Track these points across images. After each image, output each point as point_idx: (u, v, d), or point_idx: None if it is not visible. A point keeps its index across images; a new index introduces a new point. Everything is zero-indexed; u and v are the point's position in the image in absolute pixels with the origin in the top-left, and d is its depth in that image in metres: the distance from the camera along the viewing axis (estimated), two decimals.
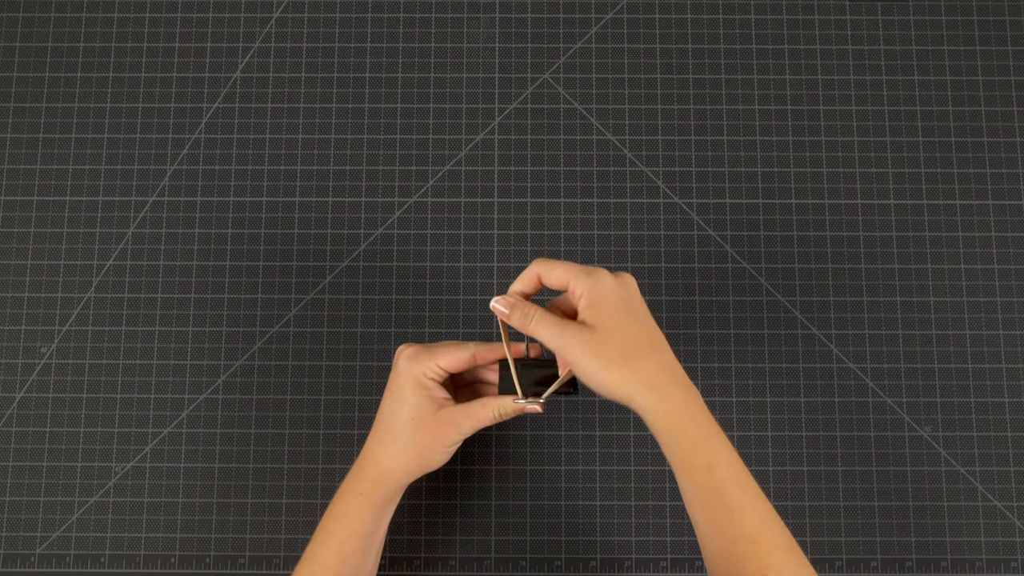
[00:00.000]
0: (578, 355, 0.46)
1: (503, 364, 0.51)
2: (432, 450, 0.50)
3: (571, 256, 0.63)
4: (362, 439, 0.61)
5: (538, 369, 0.51)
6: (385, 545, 0.57)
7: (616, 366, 0.46)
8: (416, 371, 0.50)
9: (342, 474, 0.60)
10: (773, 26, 0.66)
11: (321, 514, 0.60)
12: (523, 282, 0.50)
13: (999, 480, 0.60)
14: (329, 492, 0.60)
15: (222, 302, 0.62)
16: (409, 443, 0.50)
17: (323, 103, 0.65)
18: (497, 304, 0.50)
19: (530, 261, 0.62)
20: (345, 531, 0.50)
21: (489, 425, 0.50)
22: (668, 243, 0.63)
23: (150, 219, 0.64)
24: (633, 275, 0.51)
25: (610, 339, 0.46)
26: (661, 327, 0.62)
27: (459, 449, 0.54)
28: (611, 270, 0.63)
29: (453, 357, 0.50)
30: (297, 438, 0.61)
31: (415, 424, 0.50)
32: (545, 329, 0.47)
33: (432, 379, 0.50)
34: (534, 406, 0.50)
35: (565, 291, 0.49)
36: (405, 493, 0.60)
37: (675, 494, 0.60)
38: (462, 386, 0.54)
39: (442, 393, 0.50)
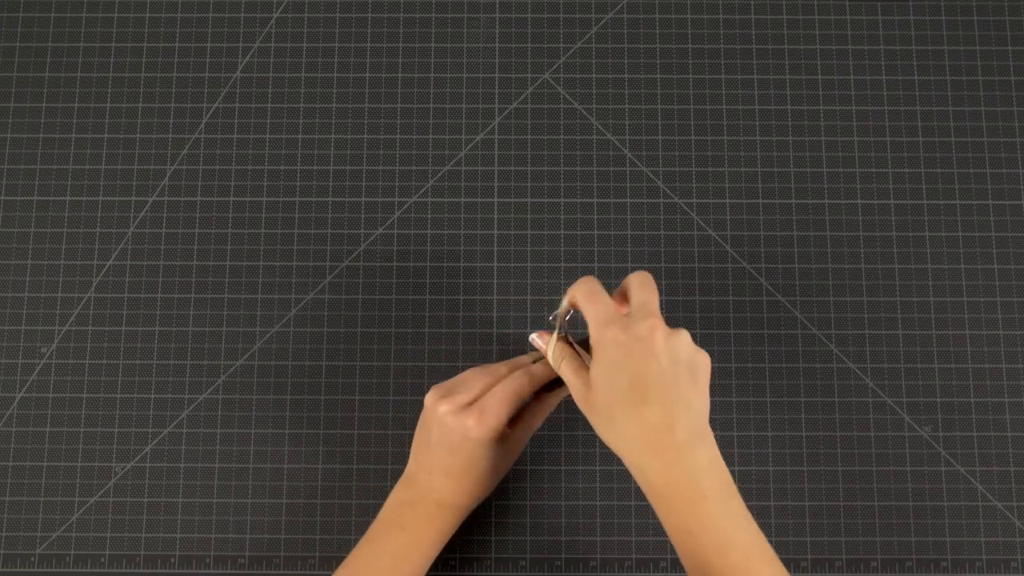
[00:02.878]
0: (581, 407, 0.48)
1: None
2: (503, 475, 0.54)
3: (571, 256, 0.63)
4: (362, 439, 0.61)
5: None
6: None
7: (601, 425, 0.46)
8: (493, 435, 0.50)
9: (342, 474, 0.60)
10: (773, 26, 0.66)
11: (320, 514, 0.60)
12: (566, 302, 0.50)
13: (999, 480, 0.60)
14: (329, 492, 0.60)
15: (222, 302, 0.62)
16: (493, 480, 0.53)
17: (323, 103, 0.65)
18: (535, 339, 0.51)
19: (530, 261, 0.63)
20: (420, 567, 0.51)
21: (514, 406, 0.51)
22: (668, 243, 0.63)
23: (150, 219, 0.64)
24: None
25: (598, 397, 0.45)
26: None
27: None
28: (617, 272, 0.63)
29: (518, 404, 0.51)
30: (297, 438, 0.61)
31: (500, 469, 0.53)
32: (566, 373, 0.49)
33: (505, 431, 0.52)
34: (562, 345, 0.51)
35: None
36: None
37: None
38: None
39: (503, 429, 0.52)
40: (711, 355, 0.61)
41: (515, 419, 0.54)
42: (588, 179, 0.64)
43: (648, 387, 0.44)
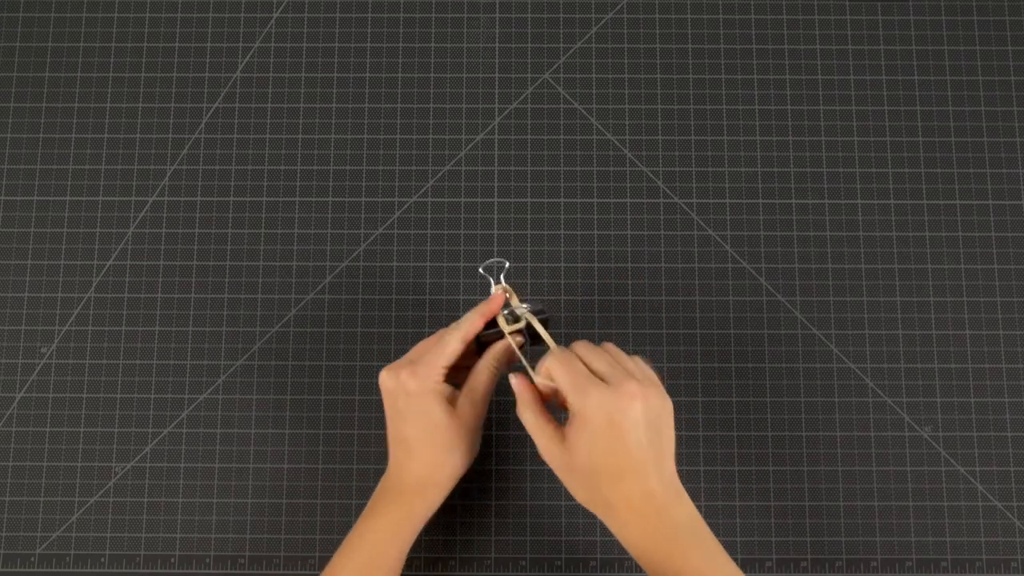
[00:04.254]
0: (548, 460, 0.47)
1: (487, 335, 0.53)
2: (474, 441, 0.52)
3: (571, 256, 0.63)
4: (362, 439, 0.61)
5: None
6: None
7: (577, 488, 0.47)
8: (428, 386, 0.50)
9: (342, 474, 0.60)
10: (773, 26, 0.66)
11: (320, 514, 0.60)
12: (541, 377, 0.49)
13: (999, 480, 0.60)
14: (329, 492, 0.60)
15: (222, 302, 0.62)
16: (450, 448, 0.51)
17: (323, 103, 0.65)
18: (511, 378, 0.50)
19: (530, 261, 0.63)
20: (397, 549, 0.51)
21: (493, 385, 0.52)
22: (668, 243, 0.63)
23: (150, 219, 0.64)
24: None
25: (576, 462, 0.45)
26: (661, 327, 0.62)
27: None
28: (617, 272, 0.63)
29: (448, 355, 0.51)
30: (297, 438, 0.61)
31: (451, 430, 0.51)
32: (527, 419, 0.48)
33: (443, 388, 0.51)
34: (518, 336, 0.52)
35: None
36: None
37: None
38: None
39: (449, 390, 0.51)
40: (711, 355, 0.61)
41: (464, 381, 0.53)
42: (588, 179, 0.64)
43: (627, 463, 0.44)
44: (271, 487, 0.60)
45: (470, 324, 0.52)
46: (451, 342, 0.51)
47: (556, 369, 0.47)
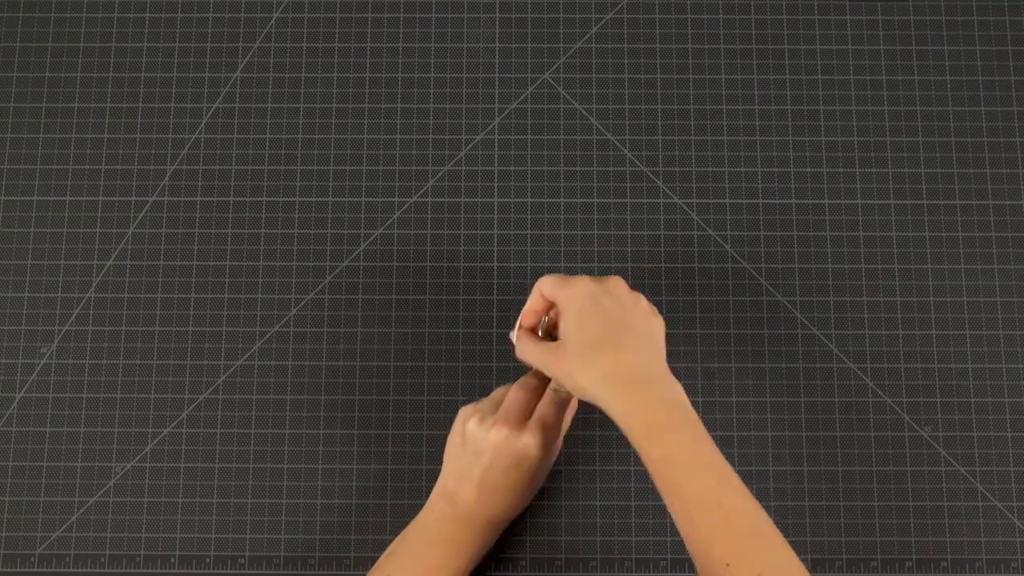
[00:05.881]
0: (553, 370, 0.49)
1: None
2: (543, 476, 0.55)
3: (571, 256, 0.63)
4: (362, 439, 0.61)
5: None
6: None
7: (577, 369, 0.47)
8: (549, 448, 0.52)
9: (342, 474, 0.60)
10: (773, 26, 0.66)
11: (320, 514, 0.60)
12: (532, 301, 0.52)
13: (999, 480, 0.60)
14: (329, 492, 0.60)
15: (222, 302, 0.62)
16: (535, 489, 0.55)
17: (323, 103, 0.65)
18: (510, 336, 0.53)
19: (530, 261, 0.63)
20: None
21: (563, 414, 0.53)
22: (668, 243, 0.63)
23: (150, 219, 0.64)
24: (625, 276, 0.52)
25: (571, 345, 0.48)
26: None
27: None
28: (617, 272, 0.63)
29: (562, 414, 0.53)
30: (297, 438, 0.61)
31: (537, 479, 0.54)
32: (528, 354, 0.50)
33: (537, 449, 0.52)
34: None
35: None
36: (409, 494, 0.60)
37: None
38: None
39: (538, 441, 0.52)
40: (711, 355, 0.61)
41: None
42: (588, 179, 0.64)
43: (622, 331, 0.47)
44: (271, 487, 0.60)
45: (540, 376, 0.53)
46: (563, 397, 0.52)
47: (545, 280, 0.50)
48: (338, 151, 0.64)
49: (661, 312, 0.62)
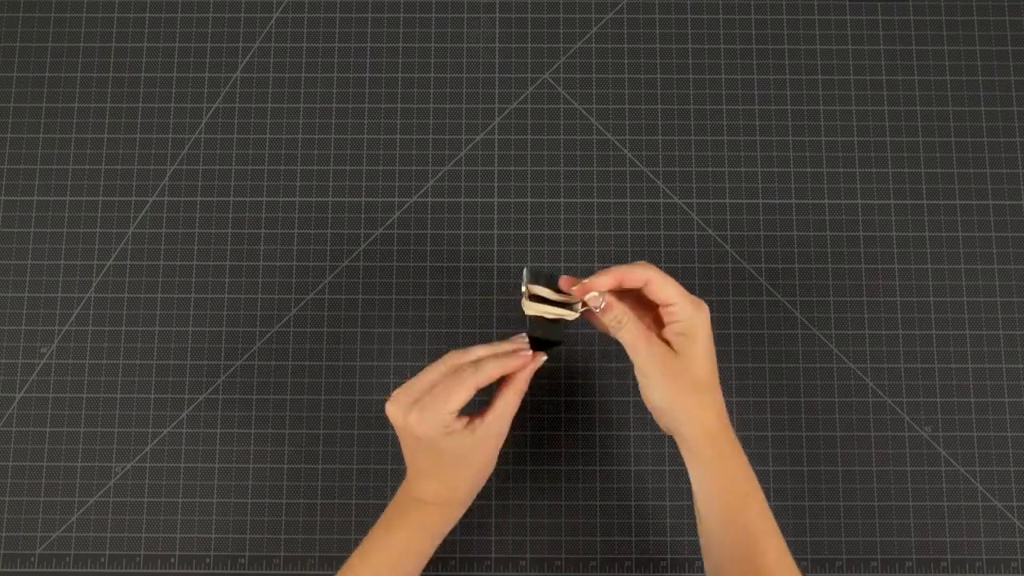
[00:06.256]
0: (658, 374, 0.49)
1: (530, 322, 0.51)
2: (494, 459, 0.52)
3: (571, 256, 0.63)
4: (362, 439, 0.61)
5: (550, 325, 0.51)
6: None
7: (688, 392, 0.49)
8: (438, 430, 0.49)
9: (342, 474, 0.60)
10: (773, 26, 0.66)
11: (320, 514, 0.60)
12: (619, 277, 0.49)
13: (999, 480, 0.60)
14: (329, 492, 0.60)
15: (222, 302, 0.62)
16: (468, 473, 0.51)
17: (323, 103, 0.65)
18: (595, 296, 0.50)
19: (530, 261, 0.63)
20: (413, 565, 0.52)
21: (517, 408, 0.51)
22: (668, 243, 0.63)
23: (150, 219, 0.64)
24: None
25: (692, 370, 0.49)
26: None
27: None
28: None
29: (459, 402, 0.49)
30: (297, 438, 0.61)
31: (468, 458, 0.51)
32: (633, 339, 0.50)
33: (454, 426, 0.49)
34: (541, 356, 0.52)
35: (659, 304, 0.50)
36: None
37: (675, 494, 0.60)
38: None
39: (462, 422, 0.49)
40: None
41: (487, 406, 0.51)
42: (588, 179, 0.64)
43: (714, 378, 0.51)
44: (271, 487, 0.60)
45: (487, 375, 0.49)
46: (462, 390, 0.48)
47: (659, 281, 0.49)
48: (338, 151, 0.64)
49: None
